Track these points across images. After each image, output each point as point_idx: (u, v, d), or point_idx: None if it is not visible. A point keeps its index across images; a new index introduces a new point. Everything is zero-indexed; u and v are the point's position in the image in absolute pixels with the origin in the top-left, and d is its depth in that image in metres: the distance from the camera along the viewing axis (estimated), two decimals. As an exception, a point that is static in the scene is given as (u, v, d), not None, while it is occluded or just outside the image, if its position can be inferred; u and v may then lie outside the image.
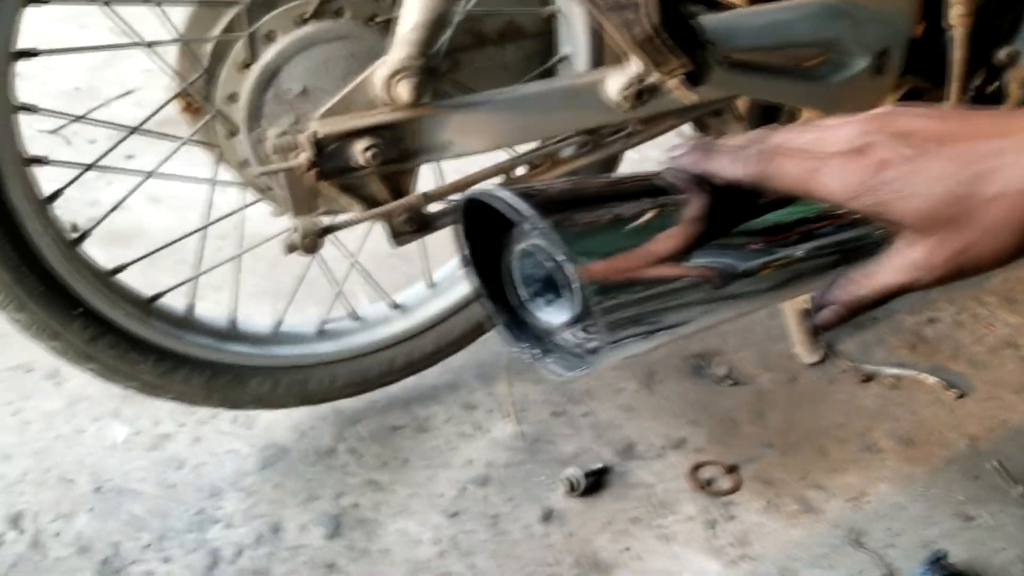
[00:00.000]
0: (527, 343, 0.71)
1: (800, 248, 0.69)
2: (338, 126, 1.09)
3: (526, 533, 1.36)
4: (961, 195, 0.55)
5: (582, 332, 0.66)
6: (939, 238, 0.57)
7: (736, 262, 0.65)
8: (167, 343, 1.30)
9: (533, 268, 0.66)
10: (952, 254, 0.57)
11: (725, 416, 1.59)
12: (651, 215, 0.64)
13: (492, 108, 1.14)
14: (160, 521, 1.37)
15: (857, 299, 0.62)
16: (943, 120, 0.59)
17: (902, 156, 0.57)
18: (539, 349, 0.70)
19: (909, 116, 0.60)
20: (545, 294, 0.67)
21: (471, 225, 0.69)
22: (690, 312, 0.65)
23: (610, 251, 0.59)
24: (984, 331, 1.81)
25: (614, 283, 0.59)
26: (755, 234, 0.66)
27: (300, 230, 1.16)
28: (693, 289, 0.63)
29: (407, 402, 1.60)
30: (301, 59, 1.13)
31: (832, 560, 1.33)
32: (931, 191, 0.56)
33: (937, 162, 0.56)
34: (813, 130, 0.63)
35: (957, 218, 0.56)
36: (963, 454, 1.51)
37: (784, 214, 0.68)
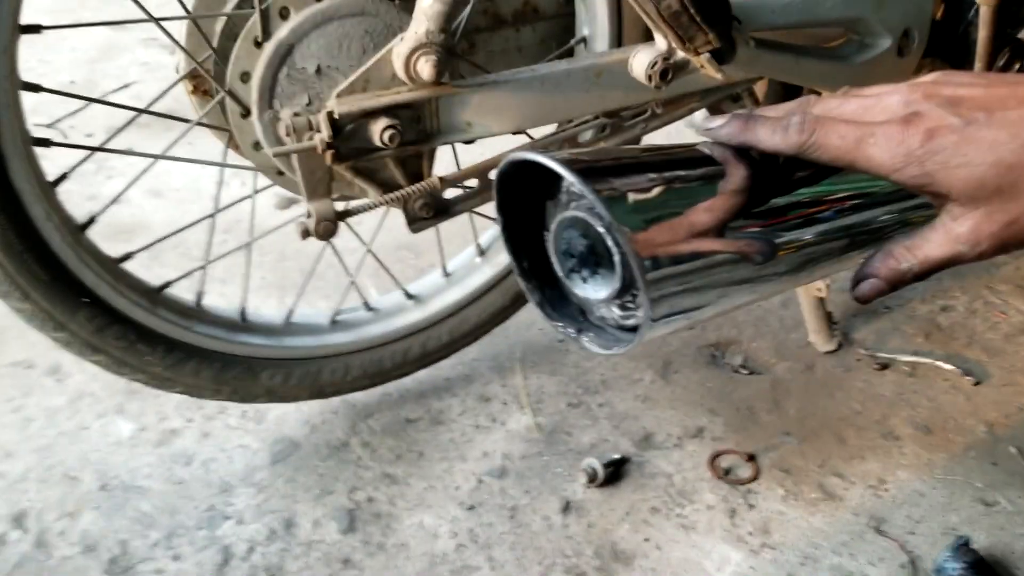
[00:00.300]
0: (563, 320, 0.69)
1: (843, 221, 0.67)
2: (356, 105, 1.06)
3: (545, 525, 1.33)
4: (1012, 165, 0.53)
5: (620, 309, 0.64)
6: (986, 210, 0.55)
7: (780, 236, 0.63)
8: (176, 334, 1.26)
9: (573, 240, 0.64)
10: (1000, 227, 0.55)
11: (742, 405, 1.57)
12: (696, 185, 0.62)
13: (514, 88, 1.12)
14: (169, 518, 1.33)
15: (899, 273, 0.60)
16: (991, 86, 0.57)
17: (950, 125, 0.55)
18: (576, 327, 0.68)
19: (956, 83, 0.58)
20: (583, 269, 0.64)
21: (508, 195, 0.67)
22: (732, 288, 0.63)
23: (656, 220, 0.57)
24: (998, 318, 1.80)
25: (659, 256, 0.57)
26: (797, 207, 0.65)
27: (315, 215, 1.13)
28: (737, 264, 0.61)
29: (421, 394, 1.57)
30: (316, 36, 1.09)
31: (853, 548, 1.30)
32: (980, 161, 0.54)
33: (987, 131, 0.54)
34: (857, 98, 0.61)
35: (1007, 189, 0.54)
36: (981, 440, 1.50)
37: (828, 186, 0.66)
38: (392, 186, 1.18)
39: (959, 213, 0.56)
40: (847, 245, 0.68)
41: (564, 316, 0.69)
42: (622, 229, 0.55)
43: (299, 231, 1.14)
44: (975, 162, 0.54)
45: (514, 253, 0.69)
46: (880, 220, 0.69)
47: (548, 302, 0.70)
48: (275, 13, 1.11)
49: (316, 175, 1.10)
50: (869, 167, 0.57)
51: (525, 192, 0.67)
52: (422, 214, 1.21)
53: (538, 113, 1.16)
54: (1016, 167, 0.54)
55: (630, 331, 0.65)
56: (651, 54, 1.08)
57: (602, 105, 1.20)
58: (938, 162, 0.55)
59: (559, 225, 0.64)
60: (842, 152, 0.58)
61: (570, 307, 0.69)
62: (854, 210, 0.67)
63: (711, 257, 0.59)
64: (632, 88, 1.15)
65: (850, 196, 0.67)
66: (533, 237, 0.69)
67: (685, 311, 0.60)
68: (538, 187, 0.66)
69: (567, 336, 0.68)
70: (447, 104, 1.10)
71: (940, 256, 0.58)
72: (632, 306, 0.64)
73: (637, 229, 0.56)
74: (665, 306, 0.58)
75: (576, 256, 0.64)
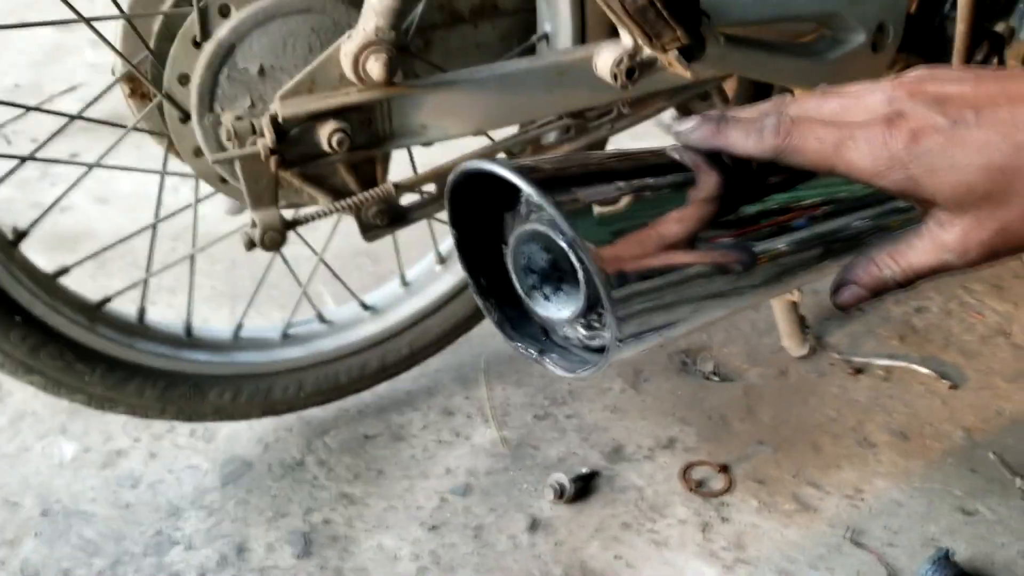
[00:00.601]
0: (525, 341, 0.63)
1: (824, 227, 0.62)
2: (301, 108, 0.99)
3: (511, 544, 1.27)
4: (1003, 168, 0.49)
5: (585, 329, 0.59)
6: (975, 217, 0.51)
7: (757, 244, 0.58)
8: (117, 352, 1.20)
9: (534, 256, 0.59)
10: (990, 235, 0.51)
11: (714, 413, 1.52)
12: (665, 193, 0.56)
13: (472, 88, 1.06)
14: (114, 545, 1.26)
15: (881, 281, 0.57)
16: (979, 83, 0.52)
17: (936, 126, 0.51)
18: (538, 348, 0.63)
19: (942, 80, 0.53)
20: (545, 286, 0.59)
21: (461, 207, 0.62)
22: (705, 303, 0.58)
23: (622, 233, 0.52)
24: (974, 319, 1.77)
25: (626, 272, 0.51)
26: (773, 214, 0.60)
27: (260, 224, 1.06)
28: (710, 277, 0.56)
29: (381, 409, 1.51)
30: (259, 35, 1.03)
31: (831, 561, 1.26)
32: (969, 164, 0.49)
33: (976, 132, 0.50)
34: (837, 97, 0.56)
35: (997, 194, 0.50)
36: (960, 446, 1.46)
37: (807, 190, 0.61)
38: (344, 192, 1.12)
39: (946, 219, 0.52)
40: (828, 253, 0.63)
41: (525, 336, 0.64)
42: (585, 244, 0.50)
43: (244, 242, 1.07)
44: (963, 166, 0.50)
45: (470, 269, 0.64)
46: (863, 226, 0.64)
47: (508, 321, 0.64)
48: (214, 11, 1.04)
49: (260, 182, 1.04)
50: (850, 172, 0.53)
51: (481, 203, 0.61)
52: (376, 222, 1.15)
53: (498, 114, 1.10)
54: (1007, 171, 0.49)
55: (597, 352, 0.60)
56: (616, 52, 1.02)
57: (566, 105, 1.14)
58: (924, 166, 0.50)
59: (518, 239, 0.59)
60: (821, 156, 0.53)
61: (532, 326, 0.64)
62: (835, 215, 0.63)
63: (682, 271, 0.54)
64: (597, 87, 1.09)
65: (831, 201, 0.62)
66: (491, 252, 0.63)
67: (655, 329, 0.55)
68: (495, 198, 0.61)
69: (529, 358, 0.63)
70: (400, 105, 1.04)
71: (925, 264, 0.54)
72: (598, 325, 0.59)
73: (602, 243, 0.51)
74: (633, 325, 0.53)
75: (537, 272, 0.60)
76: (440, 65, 1.18)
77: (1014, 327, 1.74)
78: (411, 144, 1.10)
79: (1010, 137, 0.49)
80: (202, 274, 1.74)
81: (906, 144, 0.50)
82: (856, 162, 0.52)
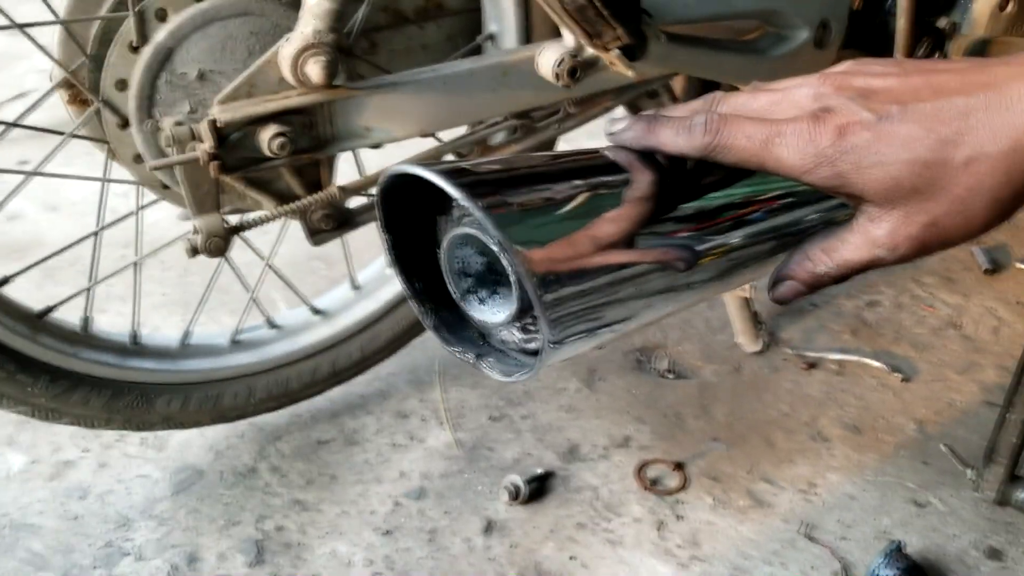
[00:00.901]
0: (462, 345, 0.63)
1: (756, 227, 0.62)
2: (241, 112, 0.98)
3: (466, 547, 1.27)
4: (928, 162, 0.49)
5: (521, 332, 0.59)
6: (904, 212, 0.51)
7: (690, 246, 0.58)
8: (61, 362, 1.17)
9: (468, 259, 0.58)
10: (919, 229, 0.51)
11: (669, 411, 1.52)
12: (600, 194, 0.56)
13: (415, 89, 1.05)
14: (63, 557, 1.24)
15: (815, 276, 0.57)
16: (905, 75, 0.52)
17: (862, 121, 0.50)
18: (475, 352, 0.62)
19: (868, 73, 0.53)
20: (480, 289, 0.59)
21: (395, 211, 0.61)
22: (640, 304, 0.57)
23: (552, 237, 0.52)
24: (925, 312, 1.79)
25: (558, 274, 0.51)
26: (708, 214, 0.59)
27: (203, 231, 1.05)
28: (645, 278, 0.56)
29: (334, 414, 1.49)
30: (197, 38, 1.01)
31: (785, 556, 1.27)
32: (895, 159, 0.50)
33: (901, 126, 0.50)
34: (766, 93, 0.56)
35: (924, 188, 0.50)
36: (912, 439, 1.47)
37: (744, 187, 0.61)
38: (289, 197, 1.11)
39: (876, 215, 0.52)
40: (766, 250, 0.63)
41: (463, 340, 0.63)
42: (513, 246, 0.49)
43: (186, 249, 1.06)
44: (889, 161, 0.50)
45: (404, 273, 0.63)
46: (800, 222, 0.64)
47: (444, 326, 0.64)
48: (152, 16, 1.02)
49: (202, 188, 1.02)
50: (779, 168, 0.53)
51: (414, 207, 0.60)
52: (323, 226, 1.14)
53: (443, 115, 1.09)
54: (933, 165, 0.49)
55: (534, 355, 0.59)
56: (558, 51, 1.02)
57: (511, 105, 1.14)
58: (850, 162, 0.50)
59: (451, 243, 0.58)
60: (749, 154, 0.53)
61: (469, 330, 0.64)
62: (772, 213, 0.62)
63: (616, 272, 0.54)
64: (542, 87, 1.09)
65: (767, 198, 0.62)
66: (425, 255, 0.62)
67: (590, 331, 0.54)
68: (428, 201, 0.60)
69: (465, 362, 0.62)
70: (343, 108, 1.03)
71: (857, 260, 0.54)
72: (534, 328, 0.58)
73: (532, 245, 0.50)
74: (568, 327, 0.52)
75: (472, 276, 0.59)
76: (386, 67, 1.17)
77: (964, 319, 1.76)
78: (356, 147, 1.09)
79: (934, 131, 0.49)
80: (153, 281, 1.72)
81: (832, 140, 0.50)
82: (784, 159, 0.52)
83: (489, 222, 0.50)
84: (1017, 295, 1.83)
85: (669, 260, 0.56)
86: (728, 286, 0.64)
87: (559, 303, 0.51)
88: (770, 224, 0.62)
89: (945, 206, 0.50)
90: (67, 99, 1.14)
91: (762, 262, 0.64)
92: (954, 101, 0.49)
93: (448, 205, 0.60)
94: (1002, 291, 1.85)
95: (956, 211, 0.50)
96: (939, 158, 0.49)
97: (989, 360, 1.65)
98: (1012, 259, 1.94)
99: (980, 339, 1.71)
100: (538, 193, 0.54)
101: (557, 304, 0.51)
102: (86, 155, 1.15)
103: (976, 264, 1.92)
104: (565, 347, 0.54)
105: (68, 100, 1.14)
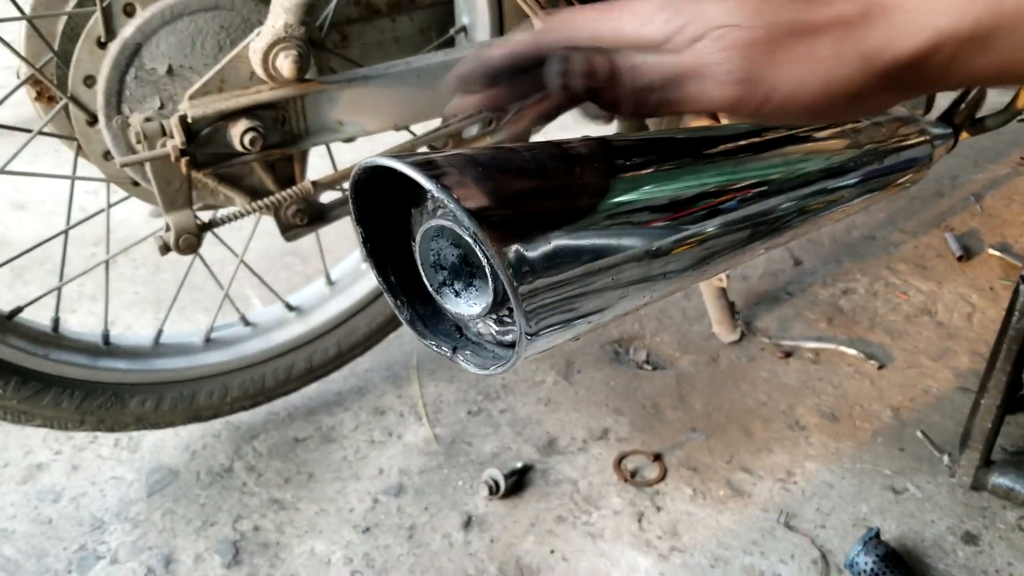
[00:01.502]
0: (437, 338, 0.62)
1: (730, 216, 0.63)
2: (212, 107, 0.96)
3: (446, 543, 1.26)
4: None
5: (497, 324, 0.58)
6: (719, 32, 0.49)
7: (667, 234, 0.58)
8: (30, 363, 1.15)
9: (443, 251, 0.58)
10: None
11: (647, 402, 1.52)
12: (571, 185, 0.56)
13: (388, 82, 1.04)
14: (35, 562, 1.22)
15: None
16: None
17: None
18: (451, 345, 0.62)
19: None
20: (455, 282, 0.58)
21: (368, 205, 0.60)
22: (616, 294, 0.57)
23: (526, 228, 0.51)
24: (899, 299, 1.80)
25: (533, 264, 0.50)
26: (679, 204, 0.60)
27: (174, 228, 1.03)
28: (619, 268, 0.55)
29: (310, 411, 1.48)
30: (166, 33, 1.00)
31: (764, 545, 1.27)
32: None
33: None
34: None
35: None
36: (888, 426, 1.48)
37: (711, 179, 0.61)
38: (261, 192, 1.10)
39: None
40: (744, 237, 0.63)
41: (438, 334, 0.63)
42: (487, 237, 0.49)
43: (158, 246, 1.04)
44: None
45: (379, 267, 0.62)
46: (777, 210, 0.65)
47: (420, 319, 0.63)
48: (119, 10, 1.01)
49: (173, 185, 1.01)
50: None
51: (387, 200, 0.60)
52: (296, 221, 1.13)
53: (415, 108, 1.09)
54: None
55: (510, 347, 0.58)
56: (531, 43, 1.01)
57: (484, 98, 1.13)
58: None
59: (425, 235, 0.57)
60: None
61: (445, 324, 0.63)
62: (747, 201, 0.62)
63: (592, 263, 0.54)
64: (515, 80, 1.08)
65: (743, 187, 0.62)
66: (400, 249, 0.62)
67: (567, 322, 0.54)
68: (401, 194, 0.59)
69: (442, 356, 0.61)
70: (314, 102, 1.02)
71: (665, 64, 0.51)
72: (510, 320, 0.57)
73: (506, 236, 0.50)
74: (544, 319, 0.52)
75: (447, 268, 0.58)
76: (358, 60, 1.16)
77: (938, 306, 1.78)
78: (328, 141, 1.08)
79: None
80: (124, 279, 1.70)
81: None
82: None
83: (463, 213, 0.49)
84: (990, 281, 1.85)
85: (642, 249, 0.56)
86: (703, 275, 0.64)
87: (534, 294, 0.51)
88: (743, 213, 0.62)
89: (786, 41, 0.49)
90: (34, 96, 1.12)
91: (737, 250, 0.64)
92: None
93: (422, 197, 0.59)
94: (975, 277, 1.86)
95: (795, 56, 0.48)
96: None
97: (963, 346, 1.66)
98: (984, 245, 1.95)
99: (954, 325, 1.72)
100: (512, 184, 0.53)
101: (532, 295, 0.50)
102: (54, 152, 1.13)
103: (949, 251, 1.94)
104: (541, 339, 0.53)
105: (35, 97, 1.12)
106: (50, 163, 1.15)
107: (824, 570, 1.23)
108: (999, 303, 1.77)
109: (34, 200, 1.95)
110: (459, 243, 0.57)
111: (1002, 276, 1.87)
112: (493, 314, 0.57)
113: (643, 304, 0.61)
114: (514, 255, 0.50)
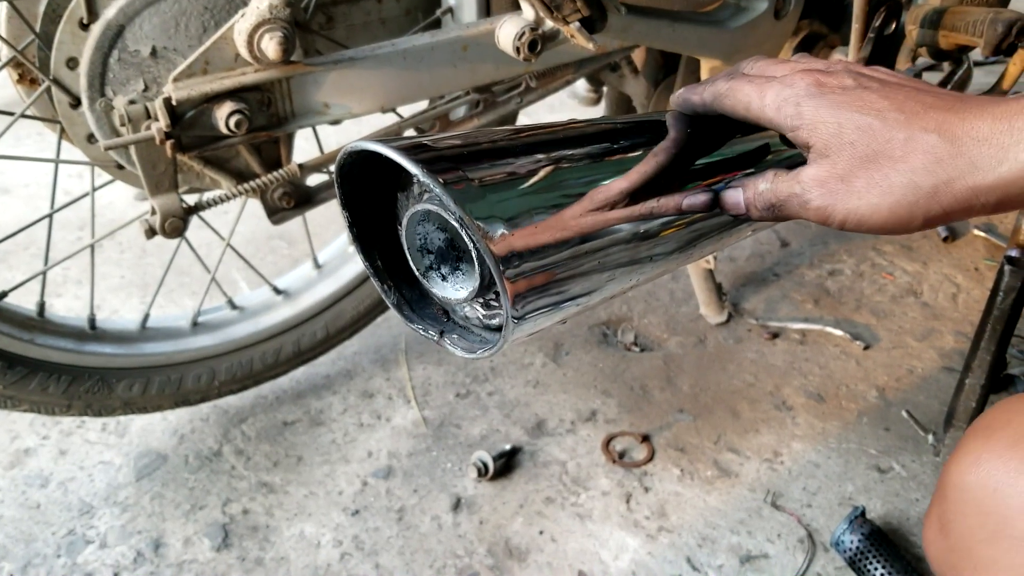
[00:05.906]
0: (424, 323, 0.62)
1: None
2: (196, 89, 0.96)
3: (435, 525, 1.26)
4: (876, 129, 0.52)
5: (484, 308, 0.58)
6: (831, 161, 0.53)
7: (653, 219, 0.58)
8: (16, 348, 1.15)
9: (430, 235, 0.58)
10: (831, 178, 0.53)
11: (635, 384, 1.53)
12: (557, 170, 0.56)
13: (374, 64, 1.03)
14: (24, 547, 1.22)
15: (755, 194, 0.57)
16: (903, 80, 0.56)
17: (843, 84, 0.54)
18: (438, 329, 0.62)
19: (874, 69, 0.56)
20: (442, 266, 0.58)
21: (355, 189, 0.60)
22: (603, 277, 0.57)
23: (512, 211, 0.51)
24: (885, 280, 1.80)
25: (519, 248, 0.50)
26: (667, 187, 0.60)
27: (160, 211, 1.02)
28: (606, 251, 0.56)
29: (299, 394, 1.48)
30: (149, 14, 0.99)
31: (751, 525, 1.28)
32: (849, 114, 0.53)
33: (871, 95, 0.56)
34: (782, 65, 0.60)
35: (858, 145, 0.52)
36: (873, 406, 1.49)
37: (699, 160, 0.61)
38: (247, 175, 1.09)
39: (812, 159, 0.54)
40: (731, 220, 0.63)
41: (425, 318, 0.63)
42: (473, 221, 0.49)
43: (144, 230, 1.04)
44: (845, 115, 0.53)
45: (365, 251, 0.62)
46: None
47: (407, 303, 0.63)
48: (101, -11, 0.99)
49: (158, 168, 1.00)
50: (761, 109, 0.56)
51: (374, 184, 0.60)
52: (282, 204, 1.12)
53: (402, 90, 1.08)
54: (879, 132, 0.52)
55: (497, 331, 0.59)
56: (518, 25, 1.01)
57: (472, 80, 1.12)
58: (812, 106, 0.54)
59: (412, 219, 0.57)
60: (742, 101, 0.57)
61: (432, 307, 0.63)
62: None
63: (578, 246, 0.54)
64: (502, 61, 1.08)
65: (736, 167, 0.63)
66: (387, 233, 0.62)
67: (554, 305, 0.54)
68: (387, 178, 0.59)
69: (429, 339, 0.61)
70: (300, 85, 1.01)
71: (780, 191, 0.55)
72: (497, 304, 0.58)
73: (492, 220, 0.50)
74: (530, 302, 0.52)
75: (434, 252, 0.58)
76: (344, 42, 1.15)
77: (924, 286, 1.78)
78: (314, 123, 1.07)
79: (897, 108, 0.53)
80: (110, 263, 1.69)
81: (807, 87, 0.55)
82: (768, 100, 0.55)
83: (449, 197, 0.49)
84: (975, 261, 1.86)
85: (629, 232, 0.56)
86: (690, 257, 0.64)
87: (521, 277, 0.51)
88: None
89: (865, 171, 0.51)
90: (16, 78, 1.11)
91: (724, 232, 0.64)
92: (929, 112, 0.51)
93: (408, 181, 0.59)
94: (960, 258, 1.87)
95: (872, 183, 0.51)
96: (887, 128, 0.51)
97: (948, 326, 1.67)
98: (969, 226, 1.96)
99: (939, 306, 1.73)
100: (498, 168, 0.53)
101: (519, 278, 0.50)
102: (37, 136, 1.12)
103: (934, 232, 1.94)
104: (528, 322, 0.53)
105: (17, 79, 1.11)
106: (33, 146, 1.14)
107: (810, 549, 1.24)
108: (984, 283, 1.78)
109: (17, 184, 1.93)
110: (446, 227, 0.57)
111: (987, 256, 1.88)
112: (480, 298, 0.57)
113: (630, 287, 0.62)
114: (500, 239, 0.50)
